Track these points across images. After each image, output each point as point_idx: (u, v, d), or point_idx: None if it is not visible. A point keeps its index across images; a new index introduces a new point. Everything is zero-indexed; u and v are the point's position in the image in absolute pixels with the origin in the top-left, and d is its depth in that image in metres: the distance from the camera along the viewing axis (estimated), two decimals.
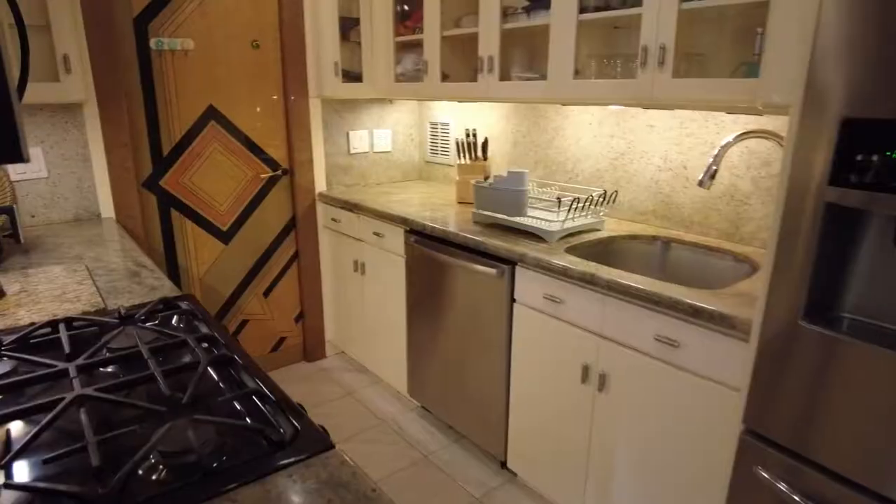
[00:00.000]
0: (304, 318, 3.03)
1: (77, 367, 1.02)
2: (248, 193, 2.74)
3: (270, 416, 0.92)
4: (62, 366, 1.02)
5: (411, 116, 3.14)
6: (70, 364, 1.02)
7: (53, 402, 0.91)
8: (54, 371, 1.00)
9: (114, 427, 0.91)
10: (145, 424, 0.88)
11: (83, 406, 0.91)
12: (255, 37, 2.59)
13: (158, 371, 0.99)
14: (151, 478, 0.76)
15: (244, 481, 0.75)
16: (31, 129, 2.13)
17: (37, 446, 0.83)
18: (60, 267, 1.65)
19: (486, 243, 1.94)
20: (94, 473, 0.74)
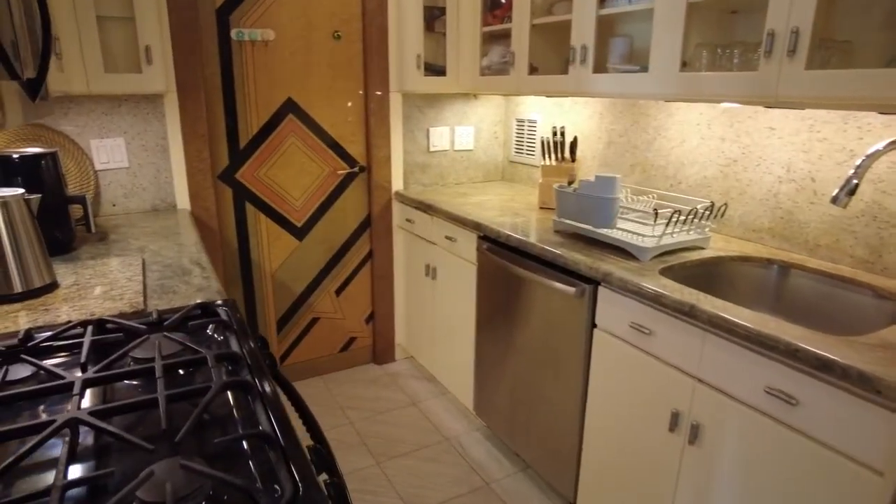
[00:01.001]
0: (375, 319, 2.93)
1: (84, 381, 0.93)
2: (324, 190, 2.67)
3: (274, 465, 0.77)
4: (69, 378, 0.93)
5: (497, 113, 2.94)
6: (77, 377, 0.93)
7: (44, 425, 0.81)
8: (58, 385, 0.92)
9: (104, 456, 0.80)
10: (128, 462, 0.76)
11: (75, 430, 0.82)
12: (338, 27, 2.50)
13: (163, 395, 0.87)
14: None
15: None
16: (114, 120, 2.16)
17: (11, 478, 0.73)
18: (118, 260, 1.62)
19: (566, 257, 1.70)
20: None
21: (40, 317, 1.24)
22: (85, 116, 2.12)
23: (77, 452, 0.80)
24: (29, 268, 1.36)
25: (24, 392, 0.90)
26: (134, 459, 0.78)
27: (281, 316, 2.72)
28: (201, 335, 1.19)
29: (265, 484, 0.73)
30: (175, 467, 0.73)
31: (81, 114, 2.11)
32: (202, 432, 0.85)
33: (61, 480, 0.70)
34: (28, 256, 1.36)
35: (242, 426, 0.87)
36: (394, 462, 2.22)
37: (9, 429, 0.80)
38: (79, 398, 0.88)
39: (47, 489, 0.68)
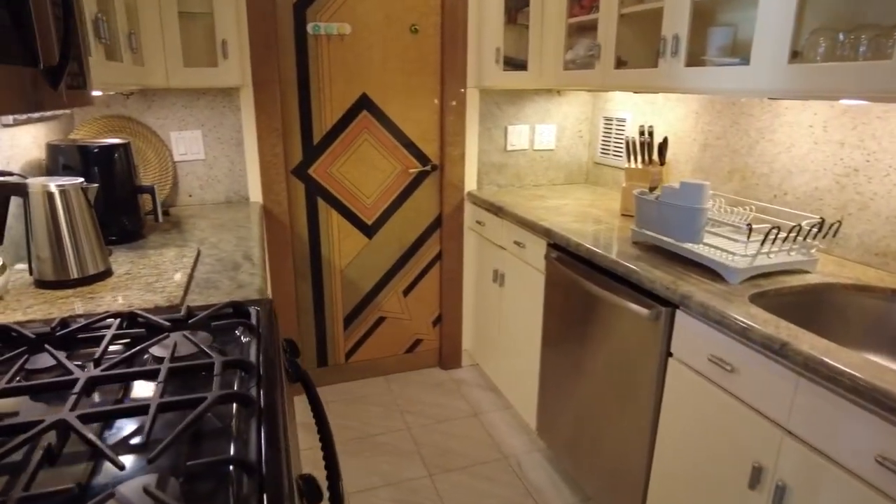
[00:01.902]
0: (443, 322, 2.83)
1: (89, 379, 0.89)
2: (396, 188, 2.61)
3: (246, 497, 0.68)
4: (77, 374, 0.90)
5: (583, 110, 2.73)
6: (83, 374, 0.90)
7: (32, 424, 0.78)
8: (63, 381, 0.89)
9: (84, 462, 0.75)
10: (108, 475, 0.70)
11: (62, 433, 0.78)
12: (415, 20, 2.42)
13: (156, 403, 0.82)
14: None
15: None
16: (193, 113, 2.22)
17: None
18: (175, 251, 1.64)
19: (640, 273, 1.50)
20: None
21: (85, 305, 1.25)
22: (166, 109, 2.19)
23: (59, 456, 0.76)
24: (84, 255, 1.38)
25: (24, 386, 0.88)
26: (114, 472, 0.72)
27: (348, 313, 2.70)
28: (229, 336, 1.14)
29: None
30: (139, 489, 0.66)
31: (164, 107, 2.18)
32: (196, 446, 0.78)
33: (19, 493, 0.65)
34: (84, 244, 1.38)
35: (235, 443, 0.80)
36: (447, 476, 2.11)
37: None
38: (77, 397, 0.85)
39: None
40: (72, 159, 1.68)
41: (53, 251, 1.34)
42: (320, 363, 2.71)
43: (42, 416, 0.79)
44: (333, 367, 2.73)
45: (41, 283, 1.35)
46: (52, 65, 0.89)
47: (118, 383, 0.94)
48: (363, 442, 2.30)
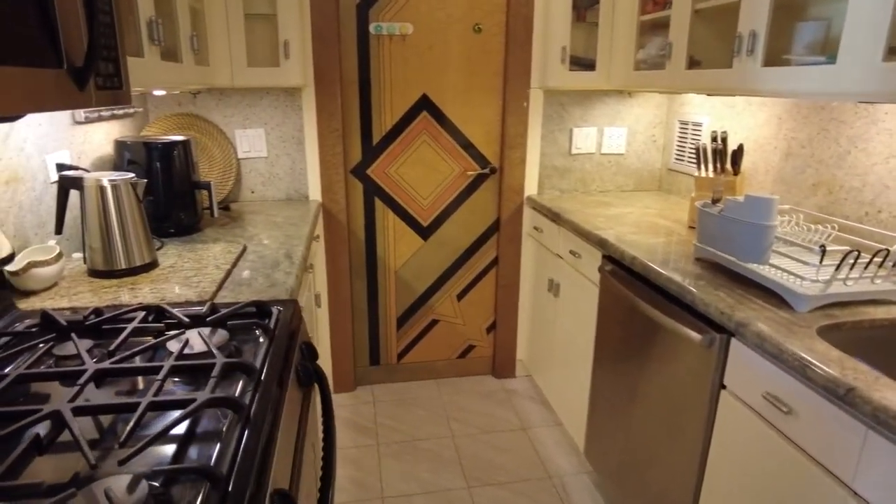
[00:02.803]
0: (497, 330, 2.75)
1: (96, 371, 0.91)
2: (453, 190, 2.56)
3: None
4: (86, 366, 0.93)
5: (657, 113, 2.56)
6: (92, 366, 0.92)
7: (29, 412, 0.80)
8: (70, 371, 0.92)
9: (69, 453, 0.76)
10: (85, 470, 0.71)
11: (57, 423, 0.80)
12: (479, 20, 2.36)
13: (147, 402, 0.82)
14: None
15: None
16: (256, 111, 2.28)
17: None
18: (221, 247, 1.68)
19: (695, 294, 1.37)
20: None
21: (125, 295, 1.30)
22: (232, 108, 2.27)
23: (50, 445, 0.77)
24: (132, 247, 1.44)
25: (36, 373, 0.92)
26: (91, 469, 0.72)
27: (401, 314, 2.69)
28: (249, 335, 1.14)
29: None
30: (100, 492, 0.65)
31: (229, 105, 2.26)
32: (185, 448, 0.77)
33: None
34: (131, 236, 1.44)
35: (219, 450, 0.78)
36: (486, 490, 2.04)
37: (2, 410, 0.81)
38: (80, 389, 0.87)
39: None
40: (136, 155, 1.77)
41: (104, 242, 1.41)
42: (373, 362, 2.72)
43: (44, 404, 0.82)
44: (385, 366, 2.74)
45: (93, 271, 1.43)
46: (78, 66, 0.92)
47: (126, 377, 0.96)
48: (406, 446, 2.28)
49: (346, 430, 2.38)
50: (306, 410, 1.13)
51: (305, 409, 1.13)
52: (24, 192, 1.40)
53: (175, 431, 0.80)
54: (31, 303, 1.25)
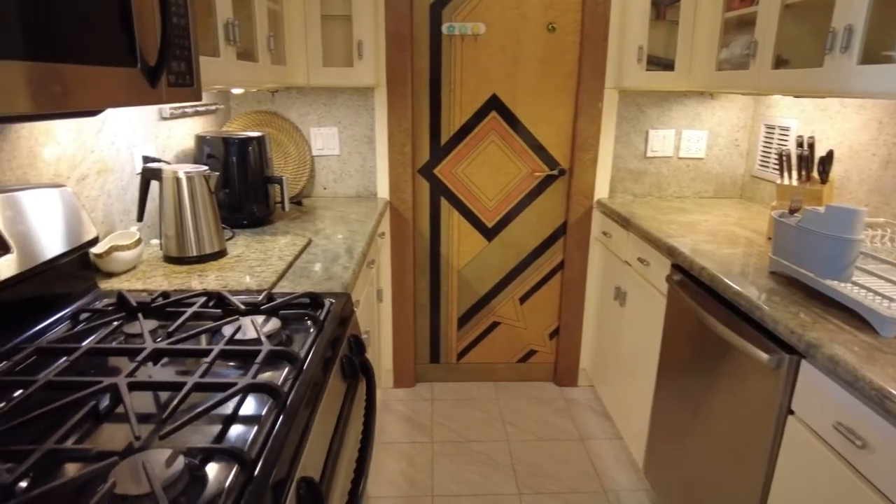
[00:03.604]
0: (560, 336, 2.69)
1: (153, 350, 0.98)
2: (519, 191, 2.53)
3: (227, 488, 0.68)
4: (147, 344, 0.99)
5: (741, 116, 2.41)
6: (151, 345, 0.99)
7: (92, 383, 0.87)
8: (133, 347, 0.98)
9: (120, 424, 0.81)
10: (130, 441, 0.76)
11: (115, 395, 0.86)
12: (553, 19, 2.32)
13: (192, 382, 0.86)
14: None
15: None
16: (331, 110, 2.36)
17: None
18: (287, 239, 1.75)
19: (764, 310, 1.27)
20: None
21: (193, 280, 1.39)
22: (308, 106, 2.35)
23: (108, 415, 0.83)
24: (203, 236, 1.53)
25: (107, 348, 0.99)
26: (135, 440, 0.77)
27: (463, 313, 2.69)
28: (301, 325, 1.18)
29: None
30: (136, 470, 0.69)
31: (305, 104, 2.35)
32: (226, 429, 0.81)
33: (51, 444, 0.73)
34: (203, 226, 1.53)
35: (256, 433, 0.81)
36: (537, 499, 2.00)
37: (66, 380, 0.88)
38: (137, 365, 0.93)
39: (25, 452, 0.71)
40: (215, 149, 1.88)
41: (177, 230, 1.51)
42: (433, 359, 2.74)
43: (106, 377, 0.88)
44: (445, 365, 2.75)
45: (167, 258, 1.53)
46: (151, 66, 0.99)
47: (179, 357, 1.02)
48: (459, 446, 2.27)
49: (403, 426, 2.41)
50: (350, 403, 1.15)
51: (349, 402, 1.15)
52: (112, 181, 1.52)
53: (222, 412, 0.85)
54: (111, 283, 1.35)
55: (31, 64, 0.69)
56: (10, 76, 0.66)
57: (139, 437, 0.75)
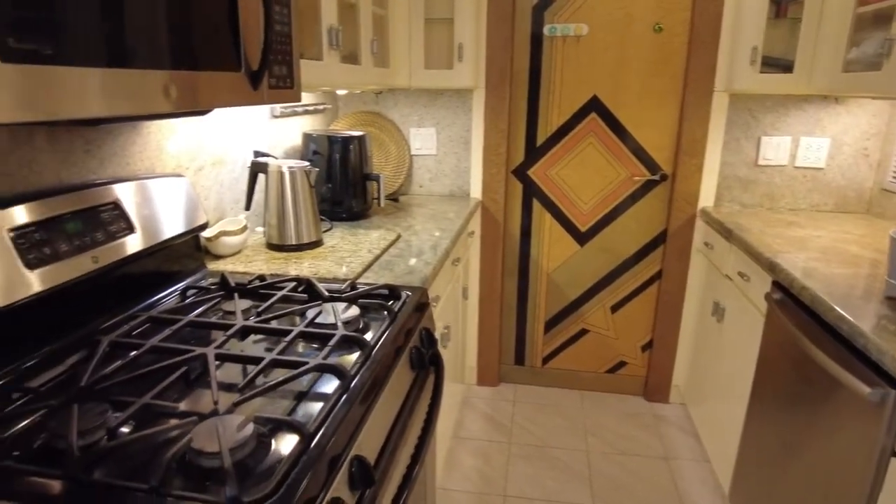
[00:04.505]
0: (653, 350, 2.58)
1: (243, 326, 1.08)
2: (617, 196, 2.46)
3: (280, 459, 0.75)
4: (237, 321, 1.10)
5: (873, 122, 2.17)
6: (240, 322, 1.09)
7: (183, 350, 0.98)
8: (226, 323, 1.09)
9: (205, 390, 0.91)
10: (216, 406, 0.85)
11: (203, 364, 0.97)
12: (660, 19, 2.23)
13: (270, 358, 0.95)
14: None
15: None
16: (430, 111, 2.44)
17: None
18: (378, 233, 1.84)
19: (868, 339, 1.15)
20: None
21: (288, 266, 1.51)
22: (409, 108, 2.45)
23: (196, 380, 0.94)
24: (301, 226, 1.66)
25: (205, 322, 1.11)
26: (214, 405, 0.87)
27: (550, 318, 2.66)
28: (378, 314, 1.25)
29: (253, 478, 0.71)
30: (211, 431, 0.78)
31: (407, 105, 2.45)
32: (298, 402, 0.88)
33: (148, 399, 0.84)
34: (302, 217, 1.65)
35: (321, 409, 0.88)
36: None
37: (168, 346, 1.00)
38: (226, 339, 1.04)
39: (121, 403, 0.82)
40: (319, 146, 2.02)
41: (279, 220, 1.64)
42: (517, 361, 2.74)
43: (199, 347, 1.00)
44: (529, 368, 2.74)
45: (269, 245, 1.67)
46: (254, 70, 1.09)
47: (264, 335, 1.12)
48: (538, 451, 2.26)
49: (482, 423, 2.44)
50: (417, 393, 1.20)
51: (416, 391, 1.19)
52: (225, 173, 1.69)
53: (296, 388, 0.92)
54: (217, 265, 1.50)
55: (155, 72, 0.80)
56: (138, 82, 0.78)
57: (217, 402, 0.84)
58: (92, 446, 0.75)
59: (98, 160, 1.21)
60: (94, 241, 1.08)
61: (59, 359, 0.99)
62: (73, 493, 0.67)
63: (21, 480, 0.69)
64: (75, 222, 1.06)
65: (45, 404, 0.82)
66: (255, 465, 0.74)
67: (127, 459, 0.74)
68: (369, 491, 0.84)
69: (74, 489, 0.68)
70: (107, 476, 0.70)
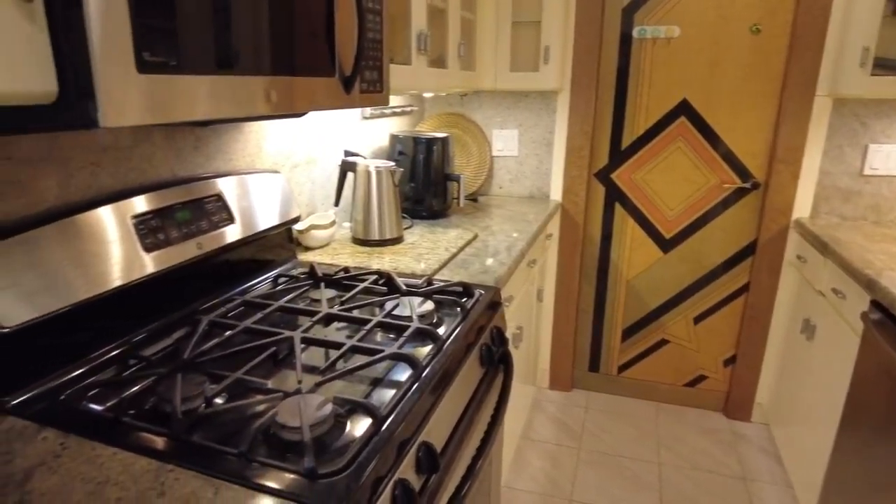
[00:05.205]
0: (736, 365, 2.47)
1: (326, 314, 1.16)
2: (704, 203, 2.37)
3: (353, 439, 0.81)
4: (322, 309, 1.18)
5: None
6: (325, 310, 1.17)
7: (273, 333, 1.07)
8: (312, 310, 1.18)
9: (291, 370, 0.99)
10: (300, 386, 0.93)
11: (290, 346, 1.05)
12: (758, 19, 2.13)
13: (348, 346, 1.02)
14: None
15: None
16: (513, 113, 2.46)
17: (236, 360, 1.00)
18: (456, 232, 1.88)
19: None
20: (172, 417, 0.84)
21: (369, 260, 1.59)
22: (492, 109, 2.48)
23: (283, 361, 1.03)
24: (385, 223, 1.73)
25: (293, 307, 1.20)
26: (297, 384, 0.94)
27: (628, 326, 2.61)
28: (451, 310, 1.29)
29: (329, 456, 0.78)
30: (294, 407, 0.85)
31: (491, 107, 2.48)
32: (373, 387, 0.95)
33: (240, 374, 0.93)
34: (385, 214, 1.73)
35: (393, 396, 0.94)
36: None
37: (259, 328, 1.10)
38: (311, 325, 1.12)
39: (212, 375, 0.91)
40: (405, 147, 2.09)
41: (365, 216, 1.73)
42: (592, 368, 2.71)
43: (286, 331, 1.08)
44: (604, 375, 2.69)
45: (354, 239, 1.76)
46: (347, 75, 1.17)
47: (345, 322, 1.19)
48: (606, 457, 2.23)
49: (552, 427, 2.43)
50: (485, 389, 1.23)
51: (484, 388, 1.23)
52: (318, 171, 1.80)
53: (372, 374, 0.99)
54: (306, 256, 1.61)
55: (261, 78, 0.89)
56: (247, 89, 0.86)
57: (301, 382, 0.92)
58: (192, 412, 0.84)
59: (205, 156, 1.34)
60: (200, 229, 1.20)
61: (166, 333, 1.11)
62: (176, 450, 0.77)
63: (136, 435, 0.80)
64: (184, 212, 1.18)
65: (154, 372, 0.93)
66: (330, 442, 0.80)
67: (220, 426, 0.83)
68: (435, 476, 0.89)
69: (177, 446, 0.77)
70: (203, 439, 0.79)
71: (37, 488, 0.71)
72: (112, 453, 0.77)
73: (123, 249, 1.03)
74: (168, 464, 0.75)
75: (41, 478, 0.72)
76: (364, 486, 0.72)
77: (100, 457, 0.76)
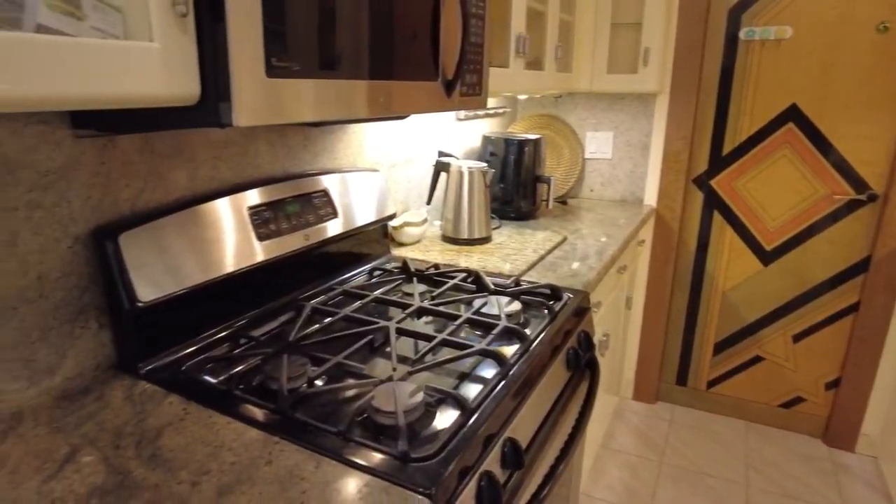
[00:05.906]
0: (840, 390, 2.29)
1: (419, 307, 1.21)
2: (811, 215, 2.22)
3: (438, 430, 0.85)
4: (414, 302, 1.23)
5: None
6: (417, 303, 1.22)
7: (370, 322, 1.13)
8: (405, 302, 1.23)
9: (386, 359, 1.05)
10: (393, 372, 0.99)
11: (385, 335, 1.11)
12: (886, 17, 1.96)
13: (440, 339, 1.06)
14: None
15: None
16: (608, 115, 2.41)
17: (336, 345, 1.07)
18: (544, 234, 1.89)
19: None
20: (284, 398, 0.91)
21: (458, 258, 1.63)
22: (587, 111, 2.45)
23: (378, 349, 1.09)
24: (474, 223, 1.77)
25: (387, 300, 1.26)
26: (392, 371, 1.00)
27: (721, 339, 2.49)
28: (539, 311, 1.30)
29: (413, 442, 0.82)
30: (389, 393, 0.90)
31: (586, 109, 2.45)
32: (461, 380, 0.98)
33: (339, 359, 0.99)
34: (475, 214, 1.77)
35: (481, 390, 0.97)
36: None
37: (357, 316, 1.16)
38: (405, 317, 1.17)
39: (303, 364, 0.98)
40: (496, 148, 2.12)
41: (455, 215, 1.77)
42: (679, 381, 2.61)
43: (381, 321, 1.14)
44: (692, 389, 2.59)
45: (444, 237, 1.81)
46: (449, 79, 1.21)
47: (436, 317, 1.24)
48: (688, 473, 2.15)
49: (634, 438, 2.37)
50: (570, 392, 1.24)
51: (569, 391, 1.23)
52: (413, 170, 1.86)
53: (460, 368, 1.02)
54: (400, 251, 1.68)
55: (370, 83, 0.94)
56: (357, 92, 0.92)
57: (395, 370, 0.97)
58: (295, 390, 0.91)
59: (312, 154, 1.43)
60: (307, 222, 1.28)
61: (273, 316, 1.21)
62: (282, 424, 0.83)
63: (246, 407, 0.87)
64: (294, 205, 1.27)
65: (262, 352, 1.01)
66: (420, 429, 0.84)
67: (320, 406, 0.89)
68: (518, 473, 0.91)
69: (282, 421, 0.84)
70: (305, 416, 0.85)
71: (166, 444, 0.80)
72: (226, 422, 0.85)
73: (239, 238, 1.13)
74: (274, 436, 0.82)
75: (169, 436, 0.82)
76: (452, 473, 0.76)
77: (216, 424, 0.85)
